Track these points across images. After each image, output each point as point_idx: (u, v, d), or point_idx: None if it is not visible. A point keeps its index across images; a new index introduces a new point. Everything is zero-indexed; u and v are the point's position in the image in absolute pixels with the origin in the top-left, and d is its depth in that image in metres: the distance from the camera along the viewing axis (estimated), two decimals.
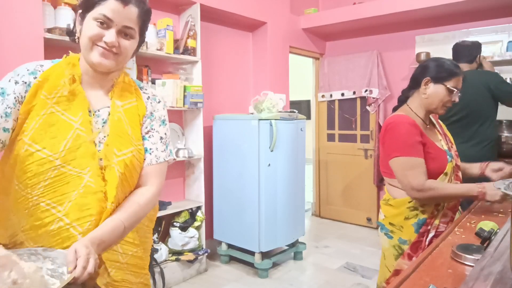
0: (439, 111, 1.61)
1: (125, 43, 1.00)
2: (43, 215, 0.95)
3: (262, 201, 3.05)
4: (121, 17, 0.97)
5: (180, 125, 3.24)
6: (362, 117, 4.40)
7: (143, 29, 1.06)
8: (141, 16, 1.01)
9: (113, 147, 1.02)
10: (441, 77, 1.57)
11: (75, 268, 0.81)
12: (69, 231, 0.95)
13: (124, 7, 0.97)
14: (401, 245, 1.60)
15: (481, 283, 0.72)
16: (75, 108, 1.00)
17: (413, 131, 1.54)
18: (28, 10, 2.17)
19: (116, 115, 1.05)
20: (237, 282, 2.98)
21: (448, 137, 1.73)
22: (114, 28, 0.97)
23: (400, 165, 1.54)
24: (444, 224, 1.57)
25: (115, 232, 0.96)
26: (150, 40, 2.78)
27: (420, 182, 1.49)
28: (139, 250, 1.11)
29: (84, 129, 0.99)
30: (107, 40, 0.96)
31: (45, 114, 0.97)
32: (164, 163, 1.14)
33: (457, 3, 3.32)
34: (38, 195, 0.95)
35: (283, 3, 4.03)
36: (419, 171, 1.51)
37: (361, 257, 3.43)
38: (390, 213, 1.63)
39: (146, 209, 1.06)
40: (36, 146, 0.95)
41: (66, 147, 0.96)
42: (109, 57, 0.99)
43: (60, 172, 0.95)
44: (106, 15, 0.96)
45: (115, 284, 1.02)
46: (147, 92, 1.16)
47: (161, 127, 1.14)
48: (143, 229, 1.14)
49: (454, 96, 1.58)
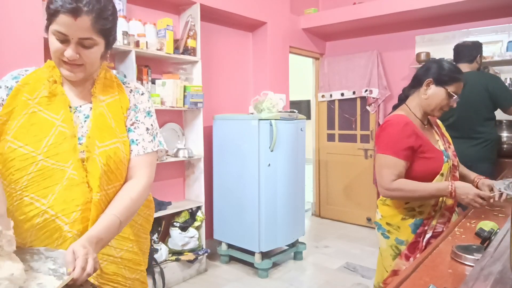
0: (435, 113, 1.61)
1: (86, 53, 0.99)
2: (27, 209, 0.97)
3: (262, 201, 3.04)
4: (75, 30, 0.94)
5: (180, 125, 3.24)
6: (362, 117, 4.39)
7: (105, 32, 1.00)
8: (97, 22, 0.96)
9: (95, 139, 1.03)
10: (443, 80, 1.57)
11: (74, 269, 0.81)
12: (55, 222, 0.96)
13: (76, 19, 0.93)
14: (398, 245, 1.60)
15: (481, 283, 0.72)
16: (56, 106, 1.03)
17: (405, 132, 1.54)
18: (28, 10, 2.17)
19: (98, 109, 1.06)
20: (237, 282, 2.98)
21: (446, 138, 1.73)
22: (71, 42, 0.96)
23: (379, 161, 1.57)
24: (441, 225, 1.57)
25: (112, 228, 0.96)
26: (150, 40, 2.78)
27: (387, 181, 1.51)
28: (134, 245, 1.11)
29: (66, 125, 1.01)
30: (66, 55, 0.96)
31: (27, 114, 1.00)
32: (153, 154, 1.13)
33: (457, 3, 3.32)
34: (22, 189, 0.97)
35: (283, 3, 4.03)
36: (392, 171, 1.52)
37: (361, 257, 3.43)
38: (387, 213, 1.64)
39: (138, 202, 1.06)
40: (18, 143, 0.98)
41: (48, 143, 0.98)
42: (75, 70, 1.01)
43: (43, 166, 0.97)
44: (60, 31, 0.94)
45: (105, 277, 1.02)
46: (130, 86, 1.17)
47: (146, 118, 1.15)
48: (136, 227, 1.15)
49: (453, 101, 1.58)
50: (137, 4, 2.90)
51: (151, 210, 1.23)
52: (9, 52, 2.11)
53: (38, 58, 2.20)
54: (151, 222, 1.24)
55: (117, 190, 1.05)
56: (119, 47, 2.55)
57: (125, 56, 2.65)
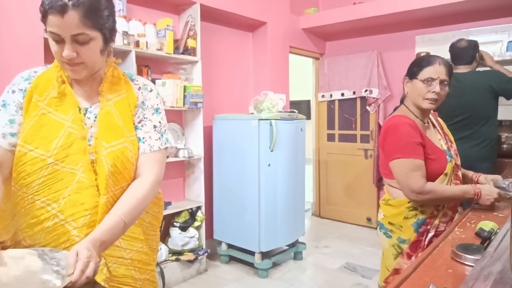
0: (423, 105, 1.58)
1: (84, 49, 0.96)
2: (39, 212, 0.96)
3: (262, 201, 3.04)
4: (65, 28, 0.92)
5: (180, 125, 3.24)
6: (362, 117, 4.39)
7: (99, 25, 0.96)
8: (86, 15, 0.92)
9: (102, 139, 1.01)
10: (413, 72, 1.61)
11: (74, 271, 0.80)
12: (64, 226, 0.96)
13: (63, 17, 0.91)
14: (401, 244, 1.60)
15: (481, 283, 0.72)
16: (65, 107, 1.02)
17: (412, 132, 1.54)
18: (27, 10, 2.17)
19: (105, 109, 1.05)
20: (237, 282, 2.98)
21: (448, 137, 1.73)
22: (66, 41, 0.94)
23: (401, 167, 1.54)
24: (444, 224, 1.57)
25: (116, 230, 0.94)
26: (150, 40, 2.78)
27: (420, 185, 1.49)
28: (144, 245, 1.10)
29: (75, 126, 1.00)
30: (64, 55, 0.95)
31: (36, 116, 1.00)
32: (161, 152, 1.11)
33: (457, 3, 3.32)
34: (33, 193, 0.97)
35: (283, 3, 4.03)
36: (419, 173, 1.50)
37: (361, 257, 3.43)
38: (390, 212, 1.63)
39: (146, 201, 1.04)
40: (28, 147, 0.97)
41: (58, 145, 0.98)
42: (76, 68, 0.99)
43: (53, 169, 0.97)
44: (53, 32, 0.93)
45: (114, 280, 1.01)
46: (138, 83, 1.15)
47: (154, 115, 1.13)
48: (145, 226, 1.13)
49: (433, 87, 1.54)
50: (137, 4, 2.90)
51: (160, 207, 1.21)
52: (9, 52, 2.11)
53: (38, 58, 2.19)
54: (160, 219, 1.21)
55: (124, 191, 1.03)
56: (119, 47, 2.55)
57: (125, 56, 2.65)
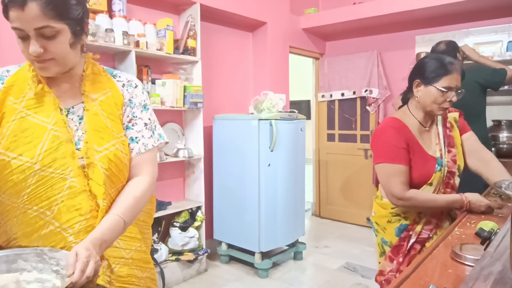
0: (436, 112, 1.52)
1: (51, 44, 0.89)
2: (33, 221, 0.93)
3: (262, 201, 3.04)
4: (26, 22, 0.85)
5: (180, 125, 3.24)
6: (362, 117, 4.39)
7: (63, 16, 0.88)
8: (48, 6, 0.85)
9: (93, 143, 0.97)
10: (430, 78, 1.49)
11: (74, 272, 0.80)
12: (60, 233, 0.94)
13: (23, 10, 0.84)
14: (383, 245, 1.62)
15: (481, 283, 0.72)
16: (45, 109, 0.96)
17: (397, 136, 1.50)
18: None
19: (92, 110, 1.00)
20: (237, 282, 2.98)
21: (452, 140, 1.62)
22: (31, 36, 0.87)
23: (383, 171, 1.52)
24: (427, 231, 1.55)
25: (116, 229, 0.93)
26: (150, 40, 2.77)
27: (399, 191, 1.47)
28: (142, 244, 1.09)
29: (58, 128, 0.95)
30: (30, 52, 0.88)
31: (15, 120, 0.93)
32: (154, 149, 1.09)
33: (457, 3, 3.32)
34: (24, 202, 0.93)
35: (283, 3, 4.03)
36: (400, 179, 1.48)
37: (361, 257, 3.43)
38: (378, 213, 1.64)
39: (143, 200, 1.03)
40: (10, 154, 0.91)
41: (42, 150, 0.92)
42: (47, 65, 0.92)
43: (41, 176, 0.92)
44: (15, 27, 0.87)
45: (120, 280, 1.01)
46: (122, 80, 1.09)
47: (143, 113, 1.08)
48: (140, 225, 1.12)
49: (449, 95, 1.48)
50: (137, 4, 2.90)
51: (153, 204, 1.20)
52: (9, 52, 2.11)
53: None
54: (152, 216, 1.20)
55: (119, 192, 1.02)
56: (119, 47, 2.55)
57: (125, 56, 2.65)
